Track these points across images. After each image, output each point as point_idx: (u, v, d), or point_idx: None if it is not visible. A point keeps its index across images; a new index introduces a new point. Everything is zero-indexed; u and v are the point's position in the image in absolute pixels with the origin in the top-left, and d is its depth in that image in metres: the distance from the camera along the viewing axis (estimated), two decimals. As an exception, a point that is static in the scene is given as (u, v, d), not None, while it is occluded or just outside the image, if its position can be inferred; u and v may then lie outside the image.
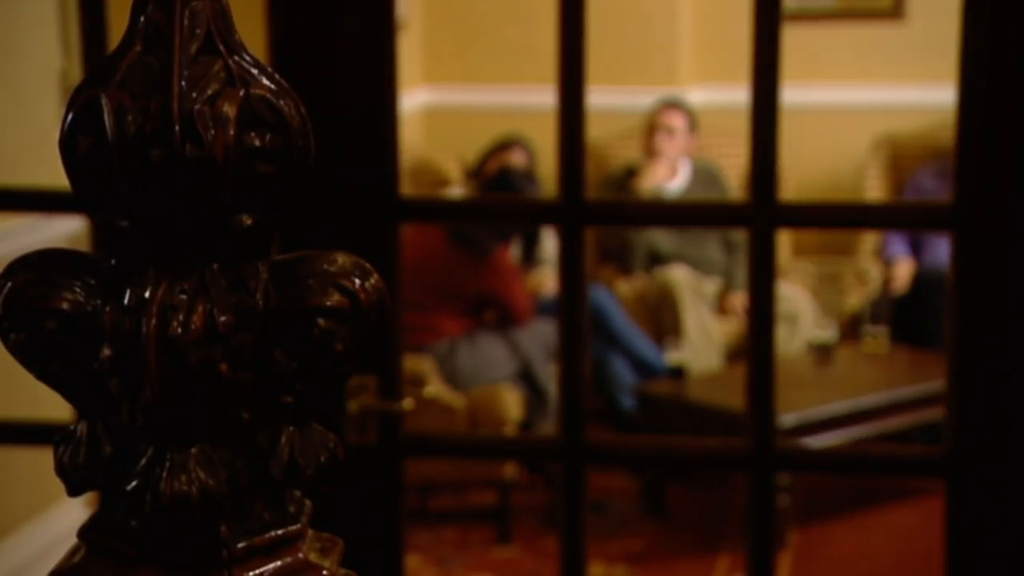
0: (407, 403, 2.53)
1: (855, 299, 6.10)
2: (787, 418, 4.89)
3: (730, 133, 6.48)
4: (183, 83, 0.75)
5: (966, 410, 2.38)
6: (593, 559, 4.82)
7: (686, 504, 5.29)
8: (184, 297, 0.76)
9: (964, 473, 2.40)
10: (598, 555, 4.80)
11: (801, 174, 6.59)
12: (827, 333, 5.61)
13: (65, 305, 0.78)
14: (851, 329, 5.87)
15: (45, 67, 4.25)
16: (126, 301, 0.76)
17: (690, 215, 3.10)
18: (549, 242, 5.83)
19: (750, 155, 2.45)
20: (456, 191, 5.93)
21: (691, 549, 4.92)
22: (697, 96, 6.72)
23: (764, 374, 2.47)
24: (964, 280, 2.39)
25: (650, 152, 6.00)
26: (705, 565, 4.82)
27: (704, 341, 5.73)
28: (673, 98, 6.16)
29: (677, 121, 6.01)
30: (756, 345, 2.47)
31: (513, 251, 5.55)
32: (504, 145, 5.98)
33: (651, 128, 6.01)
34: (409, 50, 7.03)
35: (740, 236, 6.10)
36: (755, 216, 2.44)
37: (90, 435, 0.80)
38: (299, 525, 0.80)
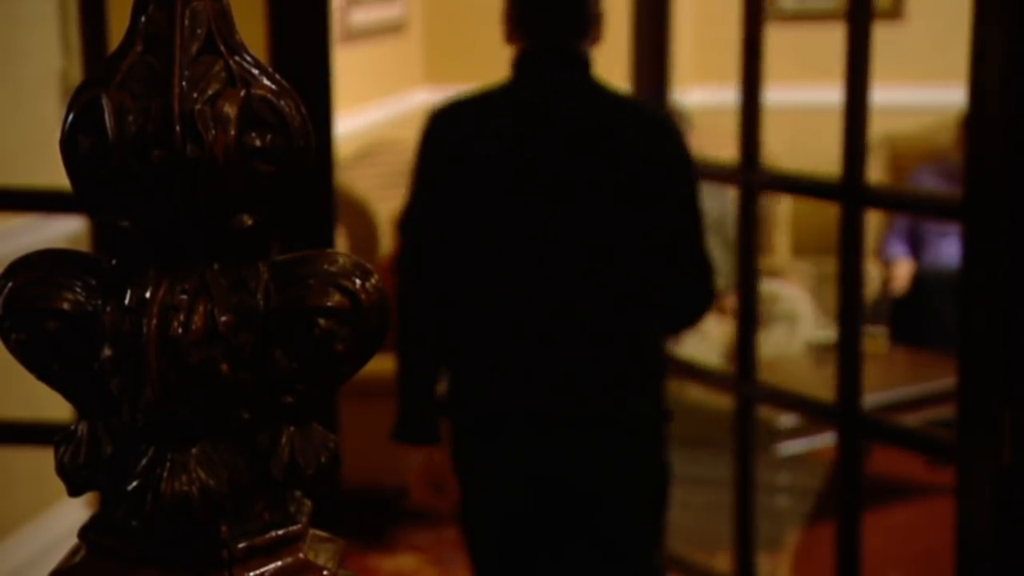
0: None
1: (855, 299, 6.10)
2: (787, 418, 4.89)
3: (729, 133, 6.46)
4: (184, 83, 0.75)
5: (975, 394, 2.42)
6: (593, 559, 4.82)
7: (686, 504, 5.29)
8: (185, 297, 0.76)
9: (973, 457, 2.45)
10: (598, 555, 4.81)
11: (801, 174, 6.59)
12: (827, 333, 5.61)
13: (66, 305, 0.78)
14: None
15: (45, 67, 4.25)
16: (127, 301, 0.77)
17: (793, 187, 3.56)
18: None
19: (843, 139, 2.70)
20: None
21: (691, 549, 4.92)
22: (697, 96, 6.72)
23: (852, 350, 2.67)
24: (974, 269, 2.45)
25: None
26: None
27: (703, 341, 5.73)
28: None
29: None
30: (846, 318, 2.63)
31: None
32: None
33: None
34: (409, 50, 7.03)
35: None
36: (846, 194, 2.67)
37: (91, 435, 0.80)
38: (299, 525, 0.81)
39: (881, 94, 7.27)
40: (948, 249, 5.82)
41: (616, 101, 3.00)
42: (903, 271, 5.98)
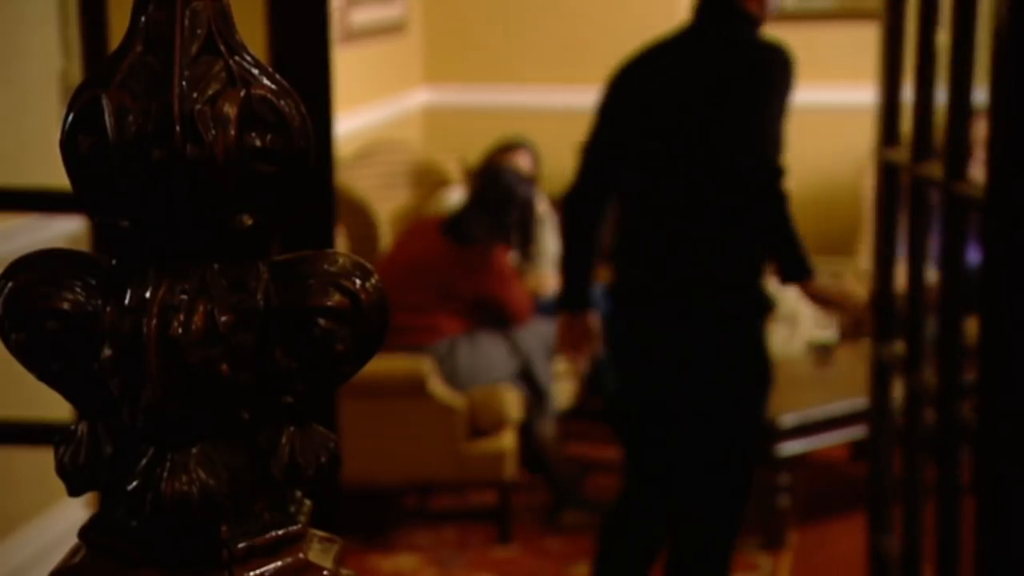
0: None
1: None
2: (787, 418, 4.89)
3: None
4: (184, 83, 0.75)
5: (991, 377, 2.46)
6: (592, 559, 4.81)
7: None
8: (185, 297, 0.76)
9: (991, 438, 2.51)
10: (598, 555, 4.80)
11: (801, 174, 6.59)
12: (827, 333, 5.61)
13: (65, 305, 0.78)
14: (851, 329, 5.87)
15: (45, 67, 4.25)
16: (127, 301, 0.77)
17: None
18: (550, 241, 5.82)
19: (946, 141, 2.83)
20: (457, 192, 5.93)
21: (691, 549, 4.92)
22: (697, 96, 6.72)
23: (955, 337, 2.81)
24: (996, 261, 2.50)
25: None
26: (705, 565, 4.81)
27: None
28: None
29: None
30: (949, 310, 2.84)
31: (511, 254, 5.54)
32: (509, 147, 5.97)
33: None
34: (409, 50, 7.03)
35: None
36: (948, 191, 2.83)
37: (91, 435, 0.80)
38: (299, 525, 0.81)
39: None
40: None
41: (749, 45, 3.67)
42: (903, 271, 5.98)
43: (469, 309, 5.14)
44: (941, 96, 3.02)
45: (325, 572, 0.80)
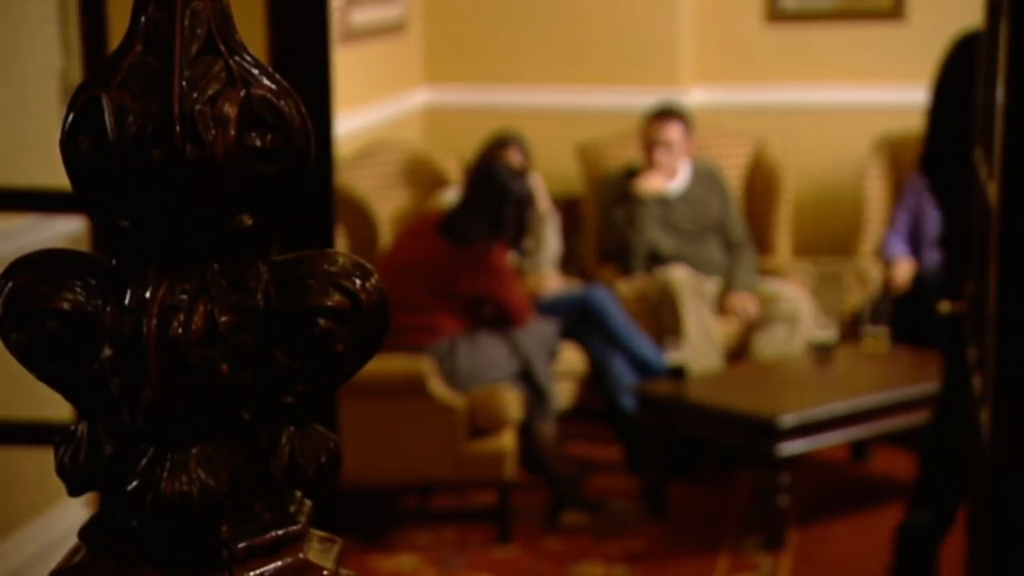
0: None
1: (855, 299, 6.10)
2: (787, 418, 4.89)
3: (730, 133, 6.46)
4: (184, 83, 0.75)
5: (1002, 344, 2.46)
6: (593, 559, 4.81)
7: (686, 504, 5.29)
8: (185, 297, 0.76)
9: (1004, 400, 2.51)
10: (598, 555, 4.80)
11: (801, 174, 6.59)
12: (827, 333, 5.61)
13: (66, 305, 0.78)
14: (851, 329, 5.87)
15: (45, 67, 4.25)
16: (127, 301, 0.77)
17: None
18: (551, 240, 5.81)
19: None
20: (456, 191, 5.93)
21: (691, 549, 4.92)
22: (697, 96, 6.72)
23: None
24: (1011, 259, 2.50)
25: (650, 164, 6.00)
26: (705, 565, 4.82)
27: (704, 341, 5.72)
28: (666, 105, 6.12)
29: (674, 133, 5.99)
30: None
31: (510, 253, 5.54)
32: (500, 143, 5.95)
33: (649, 143, 5.99)
34: (409, 50, 7.03)
35: (740, 236, 6.09)
36: None
37: (91, 435, 0.80)
38: (299, 525, 0.81)
39: (881, 94, 7.25)
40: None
41: None
42: (904, 271, 5.98)
43: (469, 309, 5.14)
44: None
45: (325, 572, 0.80)
